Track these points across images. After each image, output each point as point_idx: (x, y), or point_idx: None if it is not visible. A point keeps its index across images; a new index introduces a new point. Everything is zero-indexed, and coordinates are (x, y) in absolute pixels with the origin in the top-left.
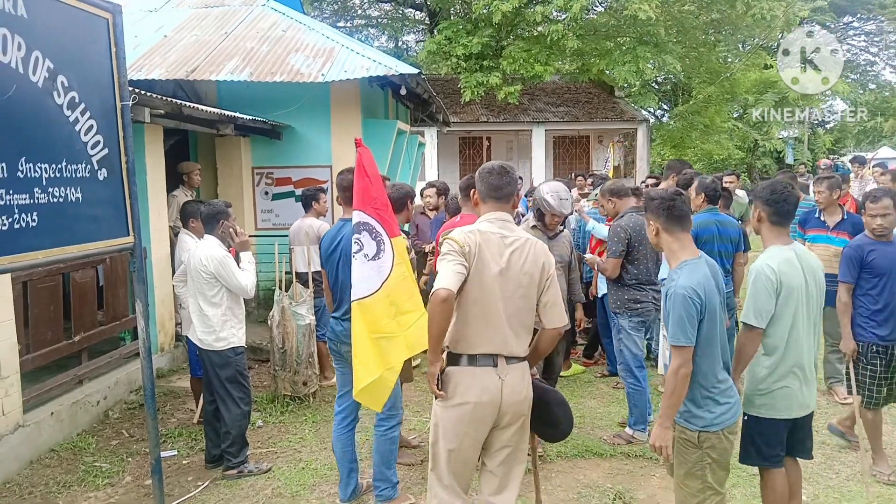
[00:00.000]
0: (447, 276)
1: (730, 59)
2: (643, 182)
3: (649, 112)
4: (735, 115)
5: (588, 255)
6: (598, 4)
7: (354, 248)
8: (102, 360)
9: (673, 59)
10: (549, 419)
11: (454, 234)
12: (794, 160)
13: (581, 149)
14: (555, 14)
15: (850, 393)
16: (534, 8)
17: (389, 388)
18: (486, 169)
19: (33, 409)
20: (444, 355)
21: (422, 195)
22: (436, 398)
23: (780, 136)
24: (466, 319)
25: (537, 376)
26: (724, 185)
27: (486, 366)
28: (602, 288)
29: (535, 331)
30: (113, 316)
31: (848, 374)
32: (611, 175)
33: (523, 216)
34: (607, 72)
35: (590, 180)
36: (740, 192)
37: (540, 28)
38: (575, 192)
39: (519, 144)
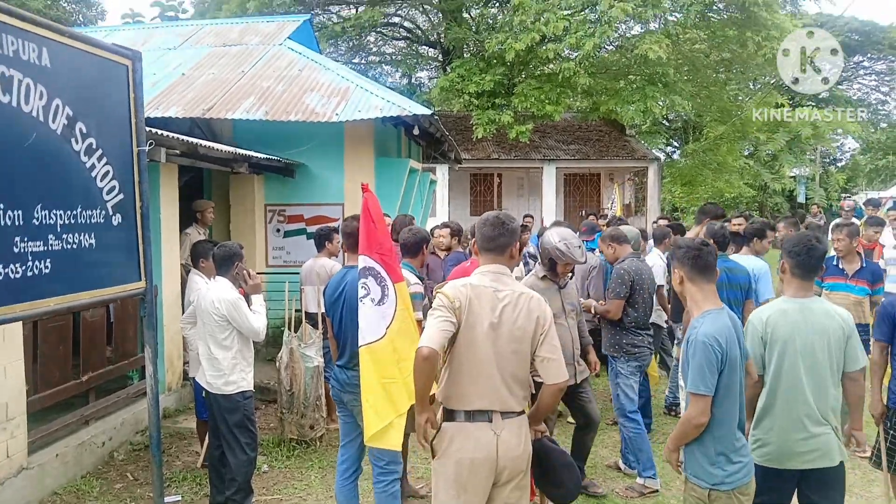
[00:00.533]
0: (432, 333)
1: (741, 98)
2: (654, 222)
3: (660, 150)
4: (746, 154)
5: (583, 301)
6: (609, 43)
7: (361, 292)
8: (109, 399)
9: (682, 99)
10: (555, 480)
11: (446, 289)
12: (807, 199)
13: (592, 187)
14: (567, 52)
15: (876, 457)
16: (546, 45)
17: (402, 429)
18: (482, 219)
19: (38, 451)
20: (440, 411)
21: (433, 234)
22: (431, 453)
23: (792, 175)
24: (459, 375)
25: (547, 434)
26: (732, 228)
27: (480, 421)
28: None
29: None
30: (121, 354)
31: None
32: (619, 213)
33: (532, 256)
34: (617, 109)
35: (603, 221)
36: None
37: (552, 65)
38: None
39: (530, 182)
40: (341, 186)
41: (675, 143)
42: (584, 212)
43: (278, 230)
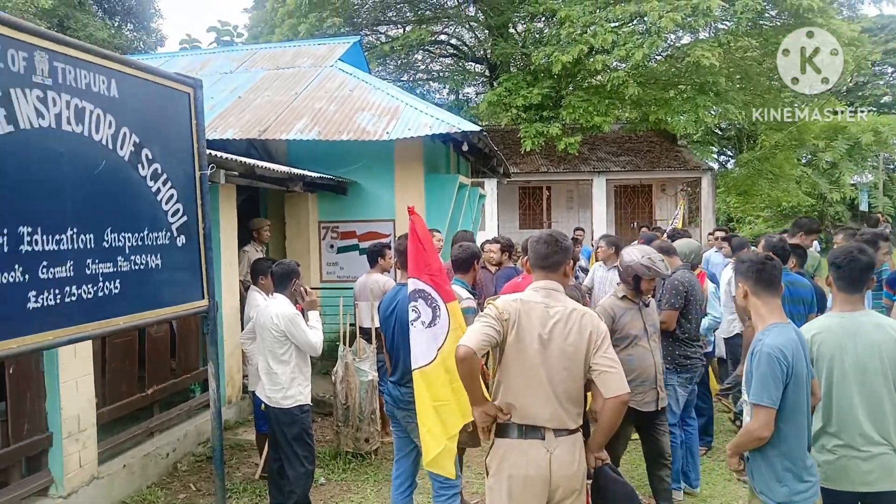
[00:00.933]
0: (472, 335)
1: (796, 105)
2: (710, 234)
3: (714, 159)
4: (804, 162)
5: None
6: (658, 53)
7: (412, 315)
8: (173, 412)
9: (735, 108)
10: None
11: (497, 301)
12: (870, 207)
13: (643, 198)
14: (615, 63)
15: None
16: (594, 57)
17: (454, 455)
18: (535, 237)
19: (107, 461)
20: (493, 425)
21: (483, 249)
22: (485, 471)
23: (853, 182)
24: (510, 390)
25: (609, 463)
26: (792, 240)
27: (533, 438)
28: None
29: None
30: (184, 368)
31: None
32: (680, 226)
33: (583, 269)
34: (668, 119)
35: (664, 234)
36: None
37: (600, 77)
38: None
39: (579, 194)
40: (392, 203)
41: (729, 153)
42: (635, 224)
43: (332, 246)
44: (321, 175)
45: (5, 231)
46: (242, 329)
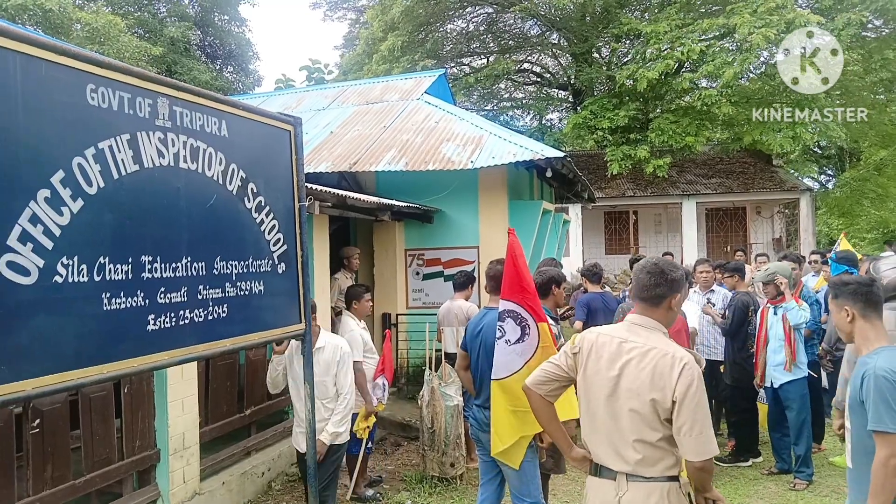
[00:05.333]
0: (534, 372)
1: None
2: (809, 256)
3: (813, 179)
4: None
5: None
6: (751, 71)
7: (497, 334)
8: (268, 432)
9: (836, 125)
10: None
11: (581, 333)
12: None
13: (737, 221)
14: (704, 82)
15: None
16: (682, 75)
17: (524, 448)
18: (640, 265)
19: (208, 478)
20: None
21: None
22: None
23: None
24: (584, 427)
25: None
26: None
27: (605, 478)
28: (778, 377)
29: None
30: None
31: None
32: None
33: None
34: (763, 138)
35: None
36: None
37: (688, 97)
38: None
39: (668, 218)
40: (476, 230)
41: (829, 172)
42: (729, 247)
43: (417, 273)
44: (408, 204)
45: (130, 260)
46: None
